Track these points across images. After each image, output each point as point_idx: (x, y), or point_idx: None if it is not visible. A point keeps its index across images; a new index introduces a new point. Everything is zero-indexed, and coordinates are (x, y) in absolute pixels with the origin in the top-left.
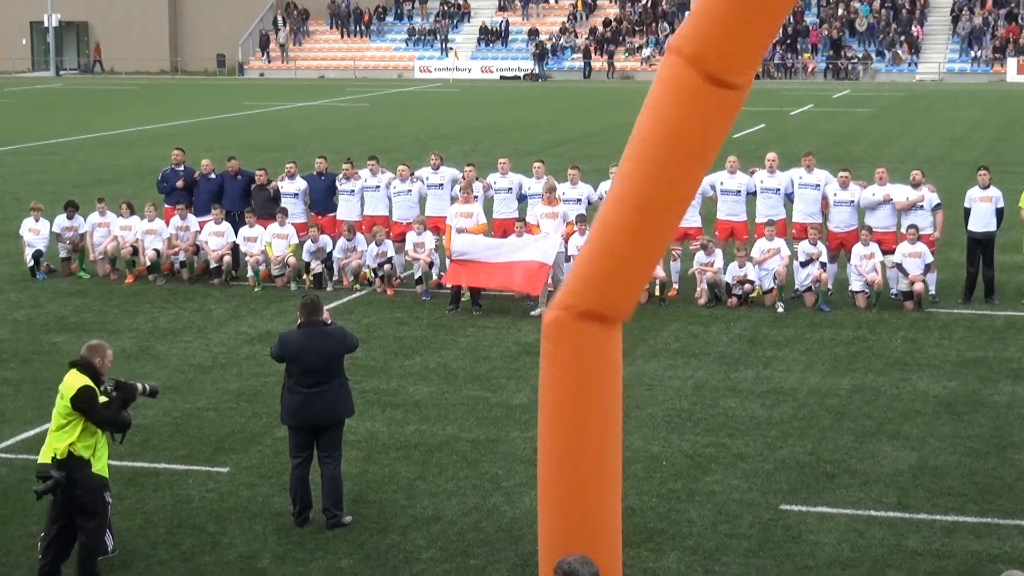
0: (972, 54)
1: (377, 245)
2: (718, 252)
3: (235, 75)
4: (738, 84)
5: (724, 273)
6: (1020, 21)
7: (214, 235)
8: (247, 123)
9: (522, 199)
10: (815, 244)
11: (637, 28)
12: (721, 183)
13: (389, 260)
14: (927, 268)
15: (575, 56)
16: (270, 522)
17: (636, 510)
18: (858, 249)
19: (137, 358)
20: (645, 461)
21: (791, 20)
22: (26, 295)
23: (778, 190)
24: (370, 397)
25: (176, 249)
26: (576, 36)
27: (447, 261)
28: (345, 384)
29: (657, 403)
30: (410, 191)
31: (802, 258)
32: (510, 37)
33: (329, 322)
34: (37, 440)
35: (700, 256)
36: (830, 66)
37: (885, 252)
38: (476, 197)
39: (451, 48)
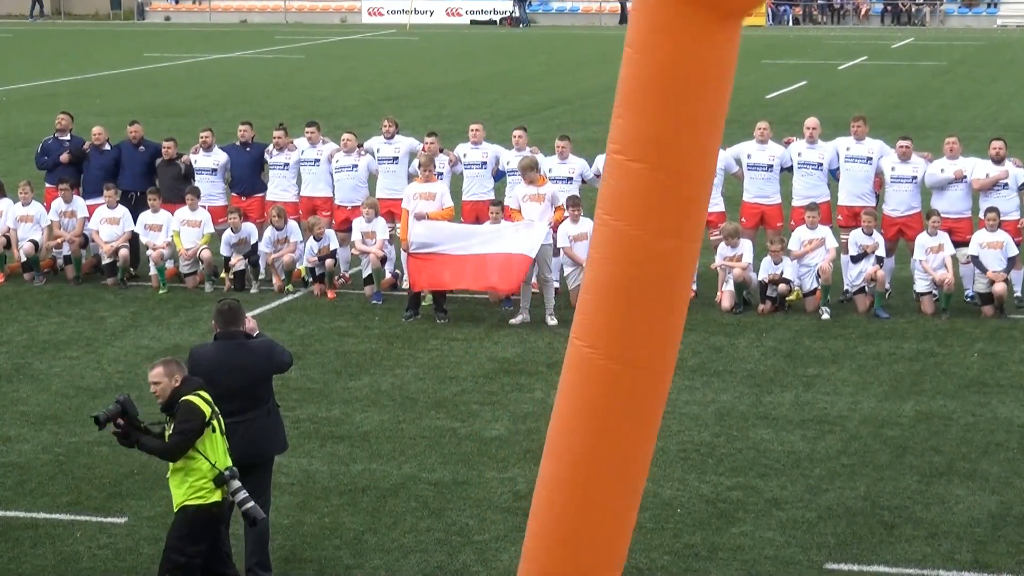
0: None
1: (316, 240)
2: (746, 243)
3: (133, 19)
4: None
5: (754, 270)
6: None
7: (107, 222)
8: (149, 80)
9: (499, 177)
10: (870, 234)
11: None
12: (749, 156)
13: (331, 254)
14: (1011, 263)
15: None
16: None
17: (644, 570)
18: (923, 240)
19: (9, 379)
20: (655, 508)
21: None
22: None
23: (820, 165)
24: (306, 428)
25: (59, 240)
26: None
27: (403, 255)
28: (274, 412)
29: (670, 435)
30: (356, 166)
31: (853, 251)
32: None
33: (256, 333)
34: None
35: (723, 249)
36: (888, 8)
37: (957, 244)
38: (440, 174)
39: None
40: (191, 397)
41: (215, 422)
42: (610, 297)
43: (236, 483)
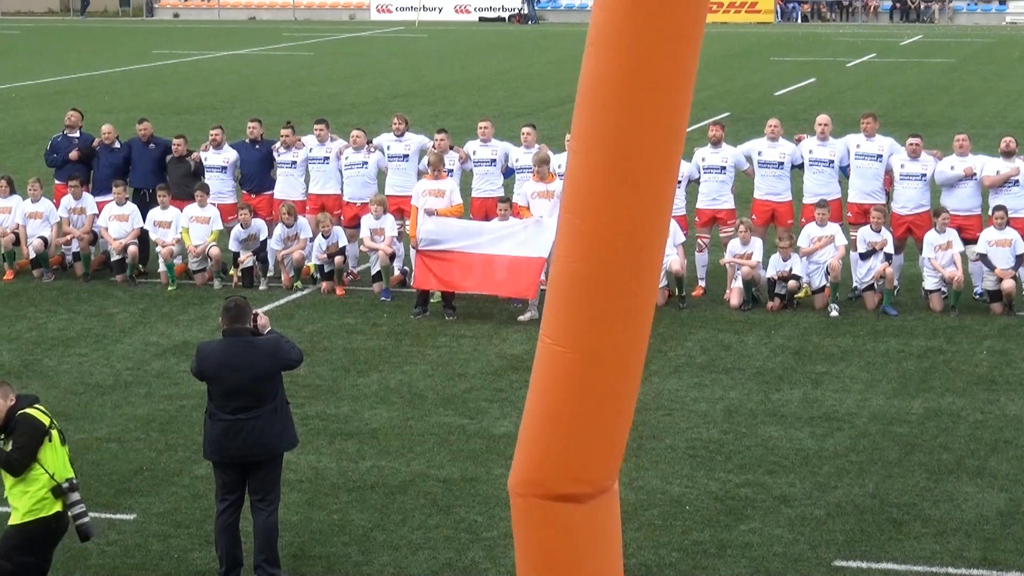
0: None
1: (324, 238)
2: (756, 241)
3: (143, 17)
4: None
5: (763, 267)
6: None
7: (117, 219)
8: (158, 77)
9: (508, 173)
10: (878, 231)
11: None
12: (760, 153)
13: (340, 251)
14: (1020, 260)
15: None
16: None
17: (652, 568)
18: (932, 237)
19: (19, 375)
20: (664, 505)
21: None
22: None
23: (831, 162)
24: (315, 425)
25: (69, 237)
26: None
27: (412, 252)
28: (282, 409)
29: (679, 432)
30: (366, 163)
31: (862, 248)
32: None
33: (267, 330)
34: None
35: (734, 246)
36: (897, 5)
37: (966, 241)
38: (450, 171)
39: None
40: (28, 410)
41: (54, 432)
42: (575, 294)
43: (75, 496)
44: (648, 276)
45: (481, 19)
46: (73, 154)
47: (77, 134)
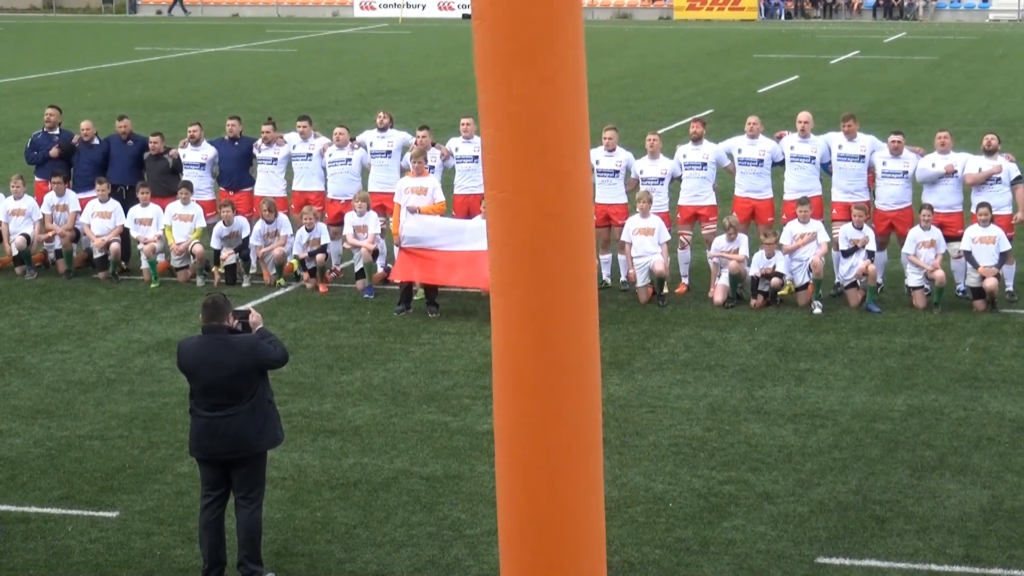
0: None
1: (307, 231)
2: (743, 238)
3: (125, 13)
4: None
5: (748, 264)
6: None
7: (99, 216)
8: (140, 74)
9: None
10: (861, 228)
11: None
12: (740, 150)
13: (323, 248)
14: (1003, 258)
15: None
16: None
17: (635, 565)
18: (915, 234)
19: (1, 372)
20: (647, 502)
21: None
22: None
23: (812, 159)
24: (298, 422)
25: (51, 234)
26: None
27: (395, 249)
28: (260, 408)
29: (662, 429)
30: (349, 160)
31: (844, 245)
32: None
33: (258, 327)
34: None
35: (720, 242)
36: (881, 3)
37: (949, 238)
38: (432, 168)
39: None
40: None
41: None
42: (519, 269)
43: None
44: (581, 220)
45: (464, 16)
46: (53, 151)
47: (57, 131)
